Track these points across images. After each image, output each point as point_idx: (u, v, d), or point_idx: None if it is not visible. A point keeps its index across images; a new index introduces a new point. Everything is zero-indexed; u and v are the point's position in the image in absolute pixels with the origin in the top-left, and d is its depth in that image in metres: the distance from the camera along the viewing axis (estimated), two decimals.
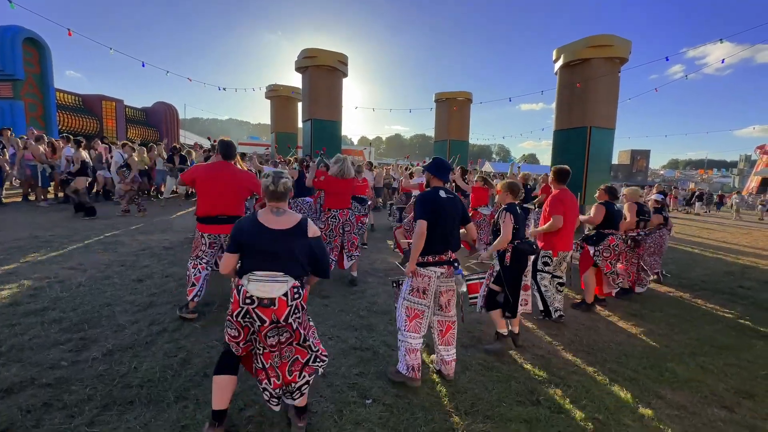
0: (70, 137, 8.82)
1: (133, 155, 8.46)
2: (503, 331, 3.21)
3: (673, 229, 5.80)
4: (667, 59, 10.47)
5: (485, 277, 3.39)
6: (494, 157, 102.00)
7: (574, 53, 10.26)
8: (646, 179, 43.38)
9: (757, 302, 4.98)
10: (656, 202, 5.40)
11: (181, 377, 2.57)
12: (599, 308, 4.40)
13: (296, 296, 1.98)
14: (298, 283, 2.01)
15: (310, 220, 2.16)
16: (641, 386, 2.82)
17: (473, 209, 6.70)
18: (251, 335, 2.00)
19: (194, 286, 3.41)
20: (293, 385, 2.03)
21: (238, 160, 3.65)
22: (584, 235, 4.46)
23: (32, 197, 8.87)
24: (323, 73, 12.67)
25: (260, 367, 2.04)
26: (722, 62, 10.10)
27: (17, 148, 8.42)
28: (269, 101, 18.66)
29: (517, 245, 3.18)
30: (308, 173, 5.00)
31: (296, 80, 14.71)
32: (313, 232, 2.11)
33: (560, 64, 10.75)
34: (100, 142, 10.81)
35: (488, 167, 48.68)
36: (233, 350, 2.03)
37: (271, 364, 2.01)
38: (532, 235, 3.91)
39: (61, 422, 2.09)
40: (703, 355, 3.39)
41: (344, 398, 2.46)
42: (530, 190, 7.27)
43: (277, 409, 2.07)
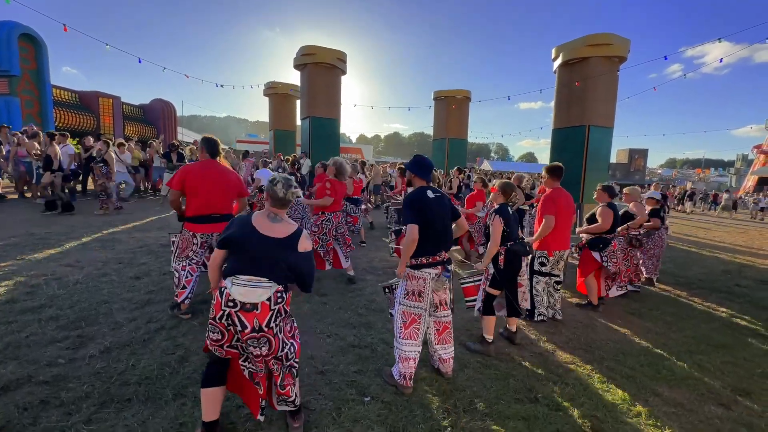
0: (56, 134, 8.22)
1: (109, 151, 8.01)
2: (489, 337, 3.16)
3: (669, 228, 5.80)
4: (665, 58, 10.52)
5: (481, 280, 3.32)
6: (493, 155, 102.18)
7: (572, 52, 10.26)
8: (643, 178, 43.47)
9: (753, 301, 5.00)
10: (655, 201, 5.32)
11: (179, 375, 2.56)
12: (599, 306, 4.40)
13: (279, 300, 1.93)
14: (282, 287, 1.95)
15: (305, 232, 2.09)
16: (639, 384, 2.83)
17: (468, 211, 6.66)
18: (236, 341, 1.93)
19: (185, 288, 3.35)
20: (287, 397, 2.02)
21: (222, 158, 3.54)
22: (589, 241, 4.33)
23: (28, 194, 8.82)
24: (322, 70, 12.61)
25: (248, 373, 1.98)
26: (720, 61, 10.11)
27: (12, 144, 8.35)
28: (267, 98, 18.58)
29: (510, 247, 3.13)
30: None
31: (295, 77, 14.68)
32: (304, 246, 2.03)
33: (559, 62, 10.74)
34: (93, 139, 10.72)
35: (486, 166, 48.76)
36: (217, 353, 1.96)
37: (255, 371, 1.96)
38: (531, 243, 3.80)
39: (58, 420, 2.09)
40: (700, 353, 3.41)
41: (343, 396, 2.46)
42: (522, 191, 7.13)
43: (261, 418, 2.03)
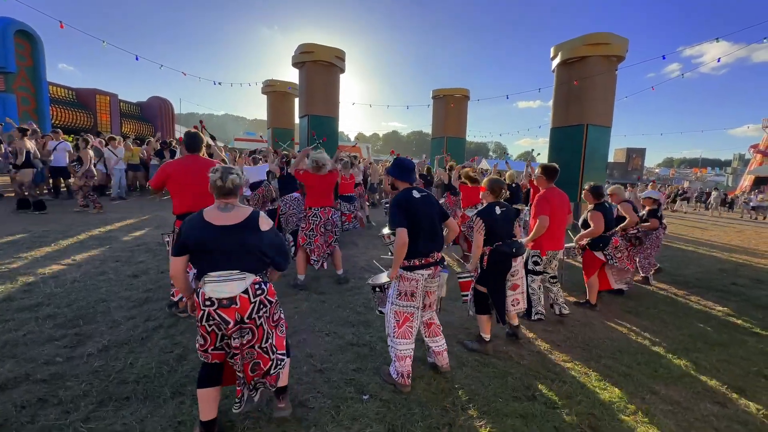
0: (27, 129, 7.97)
1: (86, 149, 7.74)
2: (486, 336, 3.16)
3: (667, 228, 5.82)
4: (663, 58, 10.52)
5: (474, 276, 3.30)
6: (491, 154, 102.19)
7: (571, 51, 10.27)
8: (641, 177, 43.63)
9: (749, 299, 5.03)
10: (652, 201, 5.35)
11: (177, 373, 2.56)
12: (597, 304, 4.41)
13: (259, 292, 1.88)
14: (259, 278, 1.92)
15: (263, 213, 2.04)
16: (635, 382, 2.85)
17: (463, 210, 6.65)
18: (220, 341, 1.90)
19: None
20: (253, 381, 1.94)
21: (204, 152, 3.45)
22: (589, 243, 4.31)
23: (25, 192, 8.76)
24: (320, 68, 12.58)
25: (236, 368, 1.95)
26: (718, 61, 10.13)
27: (9, 142, 8.28)
28: (266, 96, 18.51)
29: (496, 248, 3.09)
30: (297, 156, 4.67)
31: (293, 75, 14.63)
32: (265, 224, 1.98)
33: (557, 61, 10.76)
34: (92, 136, 10.66)
35: (485, 164, 48.76)
36: (203, 359, 1.95)
37: (236, 366, 1.92)
38: (525, 244, 3.78)
39: (56, 418, 2.08)
40: (696, 351, 3.43)
41: (341, 394, 2.46)
42: (517, 189, 7.03)
43: (237, 411, 1.97)
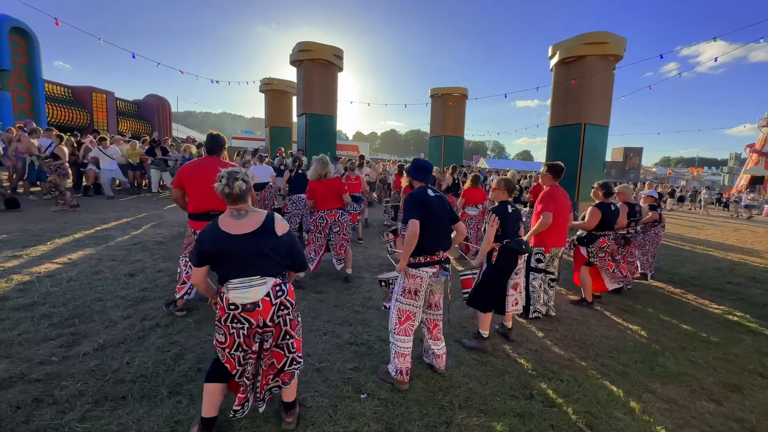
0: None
1: (60, 145, 7.41)
2: (484, 333, 3.18)
3: (666, 226, 5.90)
4: (661, 57, 10.57)
5: (477, 273, 3.35)
6: (489, 153, 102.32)
7: (569, 50, 10.29)
8: (638, 176, 43.80)
9: (745, 298, 5.07)
10: (652, 198, 5.48)
11: (174, 372, 2.55)
12: (594, 303, 4.43)
13: (279, 293, 1.91)
14: (279, 280, 1.93)
15: (277, 215, 2.04)
16: (632, 380, 2.86)
17: (461, 208, 6.68)
18: (237, 343, 1.88)
19: (185, 284, 3.37)
20: (266, 387, 1.97)
21: (225, 155, 3.56)
22: (577, 235, 4.45)
23: (21, 190, 8.72)
24: (318, 67, 12.55)
25: (244, 375, 1.93)
26: (715, 61, 10.21)
27: (8, 141, 8.25)
28: (264, 95, 18.46)
29: (505, 244, 3.15)
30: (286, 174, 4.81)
31: (291, 74, 14.57)
32: (281, 229, 1.99)
33: (555, 61, 10.77)
34: (90, 136, 10.61)
35: (483, 163, 48.85)
36: (219, 355, 1.94)
37: (251, 371, 1.92)
38: (527, 239, 3.84)
39: (52, 418, 2.07)
40: (692, 349, 3.45)
41: (339, 393, 2.46)
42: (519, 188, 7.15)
43: (233, 417, 1.94)
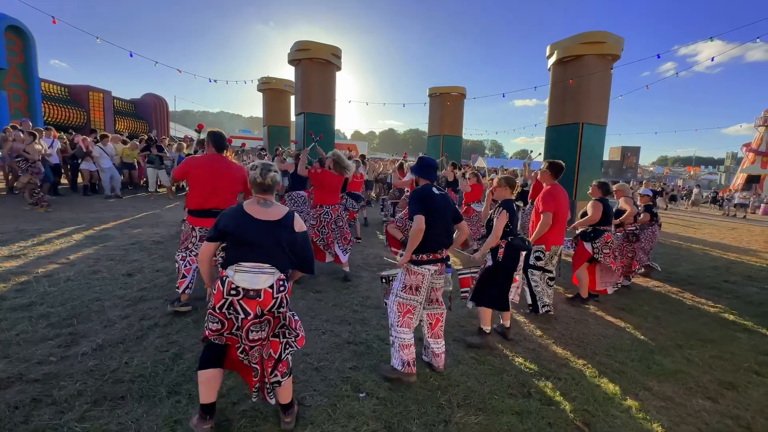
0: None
1: (33, 143, 7.14)
2: (486, 328, 3.21)
3: (662, 224, 5.91)
4: (658, 57, 10.61)
5: (477, 271, 3.37)
6: (487, 152, 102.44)
7: (567, 50, 10.30)
8: (636, 176, 43.98)
9: (741, 296, 5.10)
10: (647, 198, 5.45)
11: (173, 372, 2.55)
12: (591, 303, 4.45)
13: (281, 288, 1.95)
14: (283, 275, 1.99)
15: (297, 214, 2.12)
16: (629, 378, 2.88)
17: (466, 205, 6.71)
18: (235, 330, 1.93)
19: (185, 278, 3.39)
20: (266, 384, 1.98)
21: (230, 153, 3.63)
22: (581, 231, 4.38)
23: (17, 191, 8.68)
24: (316, 66, 12.52)
25: (246, 362, 1.99)
26: (712, 60, 10.22)
27: (3, 141, 8.21)
28: (262, 94, 18.41)
29: (511, 241, 3.19)
30: (301, 159, 4.82)
31: (289, 73, 14.54)
32: (299, 226, 2.07)
33: (553, 60, 10.78)
34: (89, 137, 10.54)
35: (481, 162, 48.90)
36: (217, 341, 1.97)
37: (251, 359, 1.96)
38: (532, 241, 3.81)
39: (50, 418, 2.07)
40: (689, 347, 3.47)
41: (338, 392, 2.47)
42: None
43: (255, 399, 2.06)
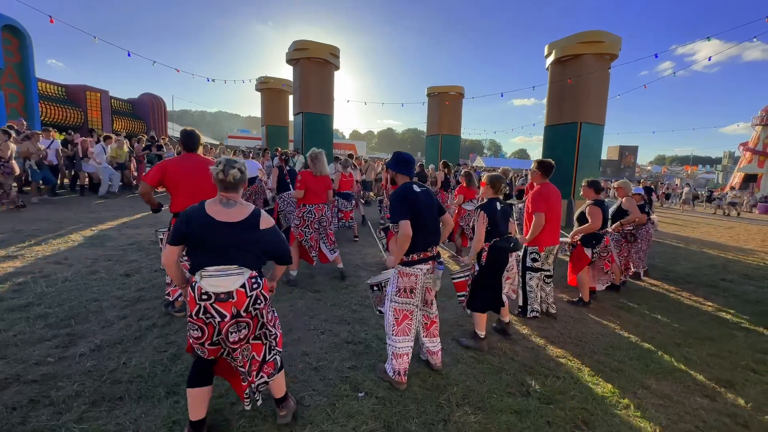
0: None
1: (7, 142, 7.04)
2: (481, 333, 3.17)
3: (657, 224, 5.90)
4: (656, 56, 10.65)
5: (470, 275, 3.30)
6: (486, 152, 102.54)
7: (565, 49, 10.31)
8: (633, 175, 44.12)
9: (738, 295, 5.12)
10: (640, 197, 5.41)
11: (171, 372, 2.55)
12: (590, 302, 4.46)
13: (255, 286, 1.88)
14: (255, 272, 1.91)
15: (264, 211, 2.03)
16: (627, 377, 2.89)
17: (459, 206, 6.68)
18: (216, 336, 1.87)
19: None
20: (252, 386, 1.95)
21: (201, 151, 3.47)
22: (582, 237, 4.29)
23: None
24: (315, 65, 12.51)
25: (234, 366, 1.94)
26: (709, 60, 10.25)
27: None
28: (260, 93, 18.38)
29: (494, 243, 3.12)
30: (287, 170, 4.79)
31: (287, 72, 14.53)
32: (265, 223, 1.98)
33: (551, 59, 10.80)
34: (87, 138, 10.50)
35: (479, 162, 48.95)
36: (200, 353, 1.91)
37: (237, 362, 1.91)
38: (525, 243, 3.81)
39: (48, 419, 2.06)
40: (687, 346, 3.48)
41: (337, 391, 2.47)
42: (510, 184, 7.10)
43: (248, 408, 1.96)
